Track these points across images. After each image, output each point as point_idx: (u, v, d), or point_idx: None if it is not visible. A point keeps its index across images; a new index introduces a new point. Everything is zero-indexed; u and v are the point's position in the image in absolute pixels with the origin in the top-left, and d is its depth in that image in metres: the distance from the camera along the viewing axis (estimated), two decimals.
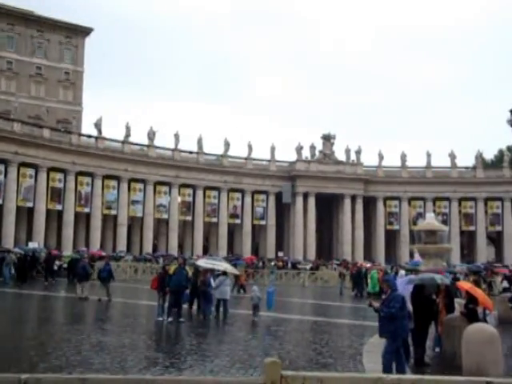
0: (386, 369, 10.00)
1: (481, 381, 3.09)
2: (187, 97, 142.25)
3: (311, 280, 43.83)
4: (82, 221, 53.54)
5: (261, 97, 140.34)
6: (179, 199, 58.04)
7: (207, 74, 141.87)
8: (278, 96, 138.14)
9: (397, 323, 10.12)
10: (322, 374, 3.21)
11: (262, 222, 61.63)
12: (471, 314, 13.58)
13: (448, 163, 63.47)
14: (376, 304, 10.72)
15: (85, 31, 73.54)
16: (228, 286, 20.61)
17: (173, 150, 57.69)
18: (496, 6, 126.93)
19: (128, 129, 54.98)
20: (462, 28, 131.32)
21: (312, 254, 59.86)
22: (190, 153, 59.51)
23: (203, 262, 22.80)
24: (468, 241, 66.86)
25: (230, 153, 60.56)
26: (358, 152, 63.19)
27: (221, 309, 20.08)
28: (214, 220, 59.53)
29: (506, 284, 32.00)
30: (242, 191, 60.56)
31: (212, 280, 20.53)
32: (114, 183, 53.82)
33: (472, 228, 62.82)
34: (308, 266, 50.12)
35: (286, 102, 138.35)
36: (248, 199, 60.61)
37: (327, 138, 62.88)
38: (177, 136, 57.39)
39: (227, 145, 60.00)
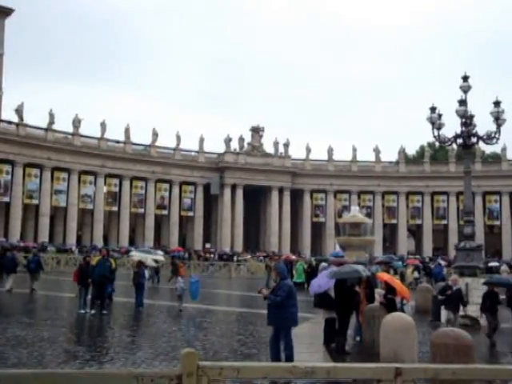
0: (292, 356, 10.24)
1: (390, 367, 3.17)
2: (115, 85, 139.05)
3: (238, 271, 44.08)
4: (1, 211, 51.34)
5: (190, 88, 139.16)
6: (105, 189, 56.75)
7: (133, 61, 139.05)
8: (207, 87, 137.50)
9: (284, 312, 10.27)
10: (240, 363, 3.22)
11: (190, 214, 61.31)
12: (390, 304, 14.08)
13: (373, 158, 65.37)
14: (265, 291, 10.91)
15: (4, 12, 70.05)
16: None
17: (99, 139, 56.24)
18: (426, 9, 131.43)
19: (52, 116, 53.00)
20: (392, 29, 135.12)
21: (239, 245, 60.20)
22: (117, 142, 58.23)
23: (137, 254, 23.58)
24: (390, 233, 69.27)
25: (158, 143, 59.79)
26: (286, 145, 63.94)
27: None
28: (141, 211, 58.67)
29: (416, 274, 33.23)
30: (170, 182, 59.97)
31: (146, 272, 20.98)
32: (36, 172, 51.85)
33: (394, 221, 65.06)
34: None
35: (215, 94, 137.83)
36: (176, 190, 60.10)
37: (256, 131, 63.24)
38: (103, 125, 55.99)
39: (155, 135, 59.17)
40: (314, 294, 14.28)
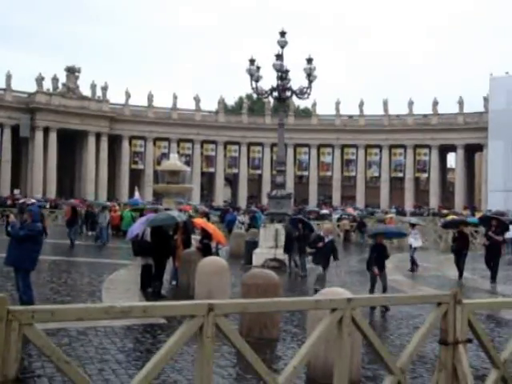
0: (31, 302, 10.04)
1: (203, 303, 3.36)
2: None
3: (51, 219, 42.07)
4: None
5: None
6: None
7: None
8: (19, 20, 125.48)
9: (24, 252, 10.12)
10: (53, 306, 3.16)
11: None
12: (205, 249, 14.65)
13: (193, 106, 65.71)
14: (13, 218, 11.00)
15: None
16: None
17: None
18: None
19: None
20: None
21: (52, 191, 57.22)
22: None
23: None
24: (208, 181, 71.02)
25: None
26: (105, 88, 61.43)
27: None
28: None
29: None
30: None
31: None
32: None
33: (212, 169, 66.65)
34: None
35: (27, 28, 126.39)
36: None
37: (71, 71, 59.55)
38: None
39: None
40: (133, 242, 14.32)
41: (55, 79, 58.78)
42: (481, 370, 7.30)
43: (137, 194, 42.94)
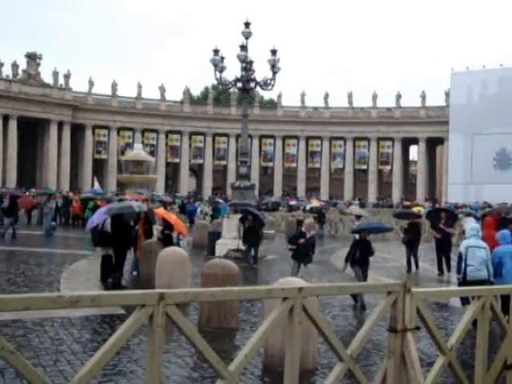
0: None
1: (154, 292, 3.36)
2: None
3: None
4: None
5: None
6: None
7: None
8: None
9: None
10: (4, 296, 3.11)
11: None
12: (166, 239, 14.59)
13: (158, 96, 65.00)
14: None
15: None
16: None
17: None
18: None
19: None
20: None
21: (12, 180, 55.96)
22: None
23: None
24: (173, 172, 70.54)
25: None
26: (67, 76, 60.26)
27: None
28: None
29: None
30: None
31: None
32: None
33: (177, 160, 66.17)
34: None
35: None
36: None
37: (33, 58, 58.13)
38: None
39: None
40: (92, 232, 14.16)
41: (15, 65, 57.31)
42: (433, 357, 7.47)
43: (96, 185, 42.43)
